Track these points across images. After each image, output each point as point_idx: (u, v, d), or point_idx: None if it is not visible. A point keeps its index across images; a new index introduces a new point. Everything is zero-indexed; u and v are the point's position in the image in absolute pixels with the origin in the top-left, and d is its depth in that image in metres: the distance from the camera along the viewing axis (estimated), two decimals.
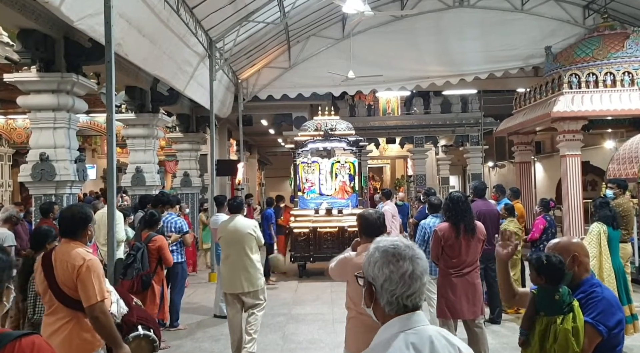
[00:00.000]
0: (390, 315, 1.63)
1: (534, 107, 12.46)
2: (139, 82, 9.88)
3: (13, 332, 1.81)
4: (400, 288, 1.61)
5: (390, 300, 1.62)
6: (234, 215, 5.92)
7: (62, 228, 3.38)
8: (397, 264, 1.63)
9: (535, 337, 2.77)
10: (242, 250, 5.70)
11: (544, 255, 2.82)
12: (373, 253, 1.69)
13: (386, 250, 1.66)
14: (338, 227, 10.43)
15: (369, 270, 1.67)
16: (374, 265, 1.66)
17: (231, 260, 5.73)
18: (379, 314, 1.67)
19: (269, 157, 28.85)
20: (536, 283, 2.86)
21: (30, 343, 1.76)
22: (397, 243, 1.69)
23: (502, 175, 23.46)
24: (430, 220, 6.21)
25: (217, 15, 9.81)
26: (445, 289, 5.04)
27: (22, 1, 5.86)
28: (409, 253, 1.65)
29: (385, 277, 1.63)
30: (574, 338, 2.62)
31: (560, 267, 2.78)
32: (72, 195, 7.24)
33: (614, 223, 5.96)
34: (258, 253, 5.88)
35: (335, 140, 11.53)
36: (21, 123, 14.89)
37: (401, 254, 1.65)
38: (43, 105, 6.97)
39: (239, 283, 5.64)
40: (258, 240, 5.84)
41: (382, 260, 1.65)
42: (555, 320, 2.69)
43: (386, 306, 1.63)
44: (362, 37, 14.45)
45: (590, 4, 14.32)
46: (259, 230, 5.94)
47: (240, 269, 5.66)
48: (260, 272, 5.82)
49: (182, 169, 14.35)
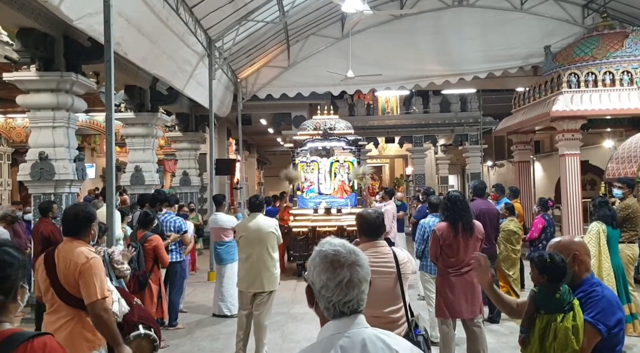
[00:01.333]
0: (328, 318, 1.61)
1: (533, 106, 12.48)
2: (138, 81, 9.87)
3: (27, 332, 1.83)
4: (336, 295, 1.57)
5: (327, 305, 1.59)
6: (254, 214, 5.88)
7: (66, 227, 3.39)
8: (334, 272, 1.58)
9: (535, 335, 2.78)
10: (265, 250, 5.69)
11: (547, 254, 2.83)
12: (314, 257, 1.65)
13: (326, 255, 1.62)
14: (337, 226, 10.43)
15: (309, 273, 1.65)
16: (313, 269, 1.63)
17: (253, 260, 5.70)
18: (319, 315, 1.65)
19: (268, 156, 28.84)
20: (538, 282, 2.86)
21: (42, 343, 1.77)
22: (338, 249, 1.63)
23: (501, 175, 23.46)
24: (430, 220, 6.22)
25: (216, 15, 9.81)
26: (444, 288, 5.04)
27: (22, 0, 5.86)
28: (349, 259, 1.60)
29: (322, 283, 1.59)
30: (574, 336, 2.63)
31: (562, 266, 2.78)
32: (71, 194, 7.24)
33: (613, 222, 5.97)
34: (277, 252, 5.90)
35: (334, 139, 11.52)
36: (20, 122, 14.86)
37: (340, 261, 1.60)
38: (42, 104, 6.97)
39: (260, 283, 5.63)
40: (279, 239, 5.86)
41: (320, 266, 1.61)
42: (555, 318, 2.70)
43: (324, 310, 1.61)
44: (361, 37, 14.45)
45: (590, 4, 14.33)
46: (279, 230, 5.94)
47: (262, 268, 5.66)
48: (279, 272, 5.85)
49: (181, 168, 14.35)
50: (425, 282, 6.33)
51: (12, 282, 1.85)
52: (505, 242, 7.56)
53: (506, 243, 7.57)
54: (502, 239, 7.47)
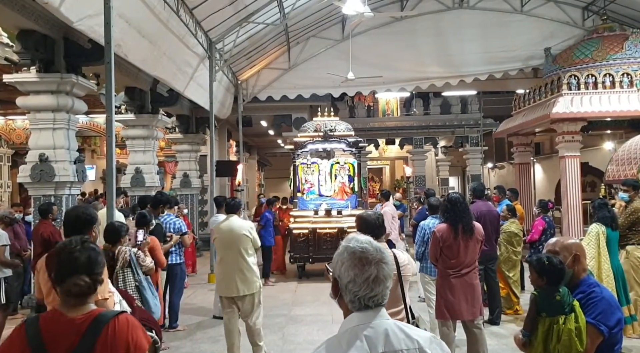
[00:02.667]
0: (352, 310, 1.69)
1: (534, 108, 12.48)
2: (138, 82, 9.88)
3: (111, 311, 2.22)
4: (363, 290, 1.66)
5: (352, 299, 1.68)
6: (229, 216, 5.78)
7: (67, 228, 3.39)
8: (362, 269, 1.67)
9: (539, 338, 2.77)
10: (238, 252, 5.55)
11: (545, 256, 2.83)
12: (342, 252, 1.73)
13: (354, 252, 1.70)
14: (337, 228, 10.43)
15: (336, 267, 1.73)
16: (341, 264, 1.71)
17: (226, 263, 5.59)
18: (343, 307, 1.74)
19: (269, 158, 28.84)
20: (537, 285, 2.86)
21: (125, 319, 2.13)
22: (366, 246, 1.72)
23: (501, 176, 23.47)
24: (430, 221, 6.21)
25: (217, 16, 9.82)
26: (444, 290, 5.04)
27: (22, 2, 5.86)
28: (376, 257, 1.69)
29: (349, 278, 1.68)
30: (577, 338, 2.63)
31: (561, 268, 2.78)
32: (71, 196, 7.25)
33: (612, 224, 5.96)
34: (254, 256, 5.73)
35: (334, 141, 11.53)
36: (20, 124, 14.88)
37: (367, 258, 1.68)
38: (42, 106, 6.97)
39: (234, 287, 5.50)
40: (254, 242, 5.68)
41: (348, 262, 1.69)
42: (557, 320, 2.70)
43: (349, 303, 1.69)
44: (361, 38, 14.46)
45: (590, 6, 14.34)
46: (255, 232, 5.79)
47: (236, 272, 5.52)
48: (257, 275, 5.66)
49: (181, 170, 14.35)
50: (426, 283, 6.33)
51: (99, 271, 2.17)
52: (506, 244, 7.55)
53: (507, 245, 7.56)
54: (503, 241, 7.46)
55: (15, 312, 7.61)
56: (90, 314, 2.09)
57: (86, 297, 2.12)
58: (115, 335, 2.06)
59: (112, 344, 2.04)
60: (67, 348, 2.01)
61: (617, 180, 9.08)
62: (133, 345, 2.08)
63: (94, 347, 2.02)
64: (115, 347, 2.04)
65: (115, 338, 2.05)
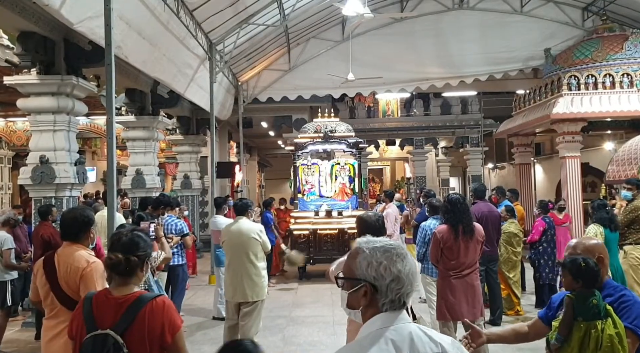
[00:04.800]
0: (386, 312, 1.65)
1: (534, 108, 12.48)
2: (139, 84, 9.89)
3: (150, 294, 2.53)
4: (406, 286, 1.64)
5: (394, 298, 1.63)
6: (238, 218, 5.61)
7: (64, 231, 3.38)
8: (402, 263, 1.64)
9: (573, 344, 2.65)
10: (246, 256, 5.39)
11: (580, 258, 2.72)
12: (371, 254, 1.66)
13: (387, 249, 1.66)
14: (338, 229, 10.44)
15: (370, 271, 1.64)
16: (377, 265, 1.64)
17: (234, 267, 5.43)
18: (369, 313, 1.67)
19: (269, 159, 28.85)
20: (571, 289, 2.74)
21: (162, 302, 2.41)
22: (391, 243, 1.71)
23: (502, 177, 23.46)
24: (431, 222, 6.20)
25: (217, 18, 9.83)
26: (445, 291, 5.04)
27: (23, 4, 5.87)
28: (405, 251, 1.68)
29: (393, 276, 1.62)
30: (619, 345, 2.54)
31: (597, 270, 2.69)
32: (72, 198, 7.25)
33: (611, 225, 5.93)
34: (264, 261, 5.56)
35: (335, 142, 11.53)
36: (21, 125, 14.88)
37: (403, 253, 1.66)
38: (43, 108, 6.97)
39: (242, 292, 5.34)
40: (264, 246, 5.51)
41: (387, 260, 1.64)
42: (595, 325, 2.60)
43: (387, 304, 1.63)
44: (361, 39, 14.47)
45: (589, 6, 14.36)
46: (265, 235, 5.61)
47: (244, 277, 5.35)
48: (266, 282, 5.50)
49: (182, 171, 14.35)
50: (427, 284, 6.32)
51: (138, 253, 2.47)
52: (506, 245, 7.55)
53: (507, 246, 7.56)
54: (502, 241, 7.45)
55: (15, 314, 7.62)
56: (132, 295, 2.40)
57: (127, 278, 2.44)
58: (152, 315, 2.35)
59: (149, 322, 2.34)
60: (110, 323, 2.32)
61: (617, 181, 9.09)
62: (168, 324, 2.37)
63: (132, 324, 2.32)
64: (152, 324, 2.34)
65: (153, 317, 2.34)
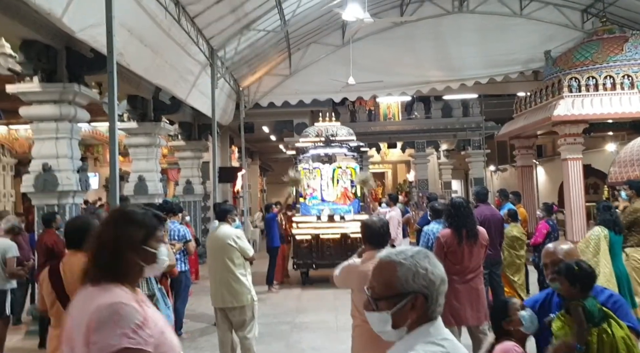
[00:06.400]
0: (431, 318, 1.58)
1: (535, 111, 12.48)
2: (140, 91, 9.91)
3: None
4: (446, 284, 1.61)
5: (441, 302, 1.59)
6: (220, 224, 5.59)
7: (69, 239, 3.40)
8: (436, 262, 1.61)
9: (592, 351, 2.59)
10: (223, 263, 5.35)
11: (572, 262, 2.70)
12: (413, 263, 1.58)
13: (420, 253, 1.61)
14: (340, 234, 10.41)
15: (418, 280, 1.56)
16: (425, 272, 1.56)
17: (213, 273, 5.47)
18: (415, 323, 1.58)
19: (271, 163, 28.87)
20: (570, 295, 2.70)
21: None
22: (415, 248, 1.67)
23: (504, 179, 23.46)
24: (434, 226, 6.20)
25: (218, 24, 9.85)
26: (448, 296, 4.94)
27: (25, 13, 5.89)
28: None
29: (440, 278, 1.58)
30: (633, 344, 2.55)
31: (591, 271, 2.68)
32: (74, 205, 7.25)
33: (615, 227, 5.91)
34: (243, 267, 5.47)
35: (336, 146, 11.53)
36: (23, 133, 14.89)
37: (429, 253, 1.63)
38: (45, 116, 6.99)
39: (222, 298, 5.35)
40: (242, 252, 5.43)
41: (430, 264, 1.58)
42: (604, 330, 2.58)
43: (437, 308, 1.58)
44: (362, 44, 14.49)
45: (589, 8, 14.36)
46: (244, 241, 5.52)
47: (222, 283, 5.35)
48: (247, 287, 5.41)
49: (184, 177, 14.36)
50: None
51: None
52: (509, 248, 7.54)
53: (510, 249, 7.55)
54: (505, 245, 7.44)
55: (19, 323, 7.62)
56: None
57: None
58: None
59: None
60: None
61: (620, 182, 9.07)
62: None
63: None
64: None
65: None
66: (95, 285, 1.88)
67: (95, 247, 1.96)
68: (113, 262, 1.90)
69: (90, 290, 1.88)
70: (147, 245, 1.96)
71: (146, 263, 1.96)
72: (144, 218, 2.00)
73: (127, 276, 1.92)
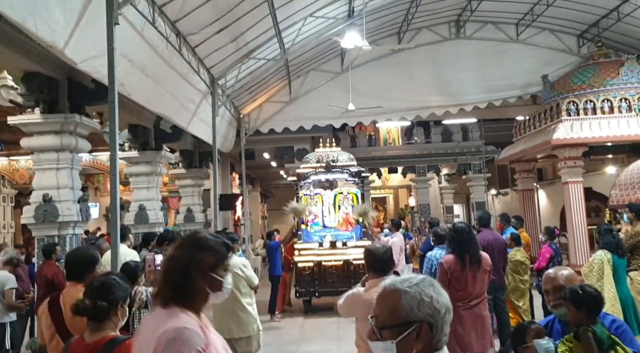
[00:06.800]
0: (439, 348, 1.56)
1: (534, 134, 12.53)
2: (142, 120, 9.95)
3: (121, 337, 2.56)
4: (451, 313, 1.58)
5: (446, 330, 1.56)
6: None
7: (69, 271, 3.37)
8: (443, 292, 1.58)
9: None
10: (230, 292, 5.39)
11: (577, 286, 2.68)
12: (418, 291, 1.55)
13: (425, 281, 1.58)
14: (343, 260, 10.32)
15: (423, 308, 1.53)
16: (429, 300, 1.54)
17: (218, 303, 5.47)
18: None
19: (272, 189, 28.88)
20: (577, 320, 2.65)
21: (130, 343, 2.38)
22: (419, 276, 1.64)
23: (505, 203, 23.40)
24: (437, 252, 6.17)
25: (218, 54, 9.96)
26: (453, 322, 4.90)
27: (27, 45, 5.95)
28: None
29: (445, 306, 1.56)
30: None
31: (596, 295, 2.64)
32: (75, 236, 7.20)
33: (618, 250, 5.87)
34: (249, 296, 5.47)
35: (337, 171, 11.55)
36: (24, 164, 14.93)
37: (433, 281, 1.61)
38: (46, 147, 6.98)
39: (228, 328, 5.28)
40: (249, 281, 5.42)
41: (434, 292, 1.56)
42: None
43: (442, 337, 1.55)
44: (361, 70, 14.65)
45: (584, 33, 14.56)
46: (250, 270, 5.51)
47: (228, 313, 5.30)
48: (253, 316, 5.41)
49: (185, 205, 14.31)
50: None
51: (115, 301, 2.52)
52: (513, 273, 7.48)
53: (514, 274, 7.49)
54: (509, 270, 7.39)
55: None
56: (103, 339, 2.44)
57: (100, 323, 2.48)
58: None
59: None
60: None
61: (621, 205, 9.04)
62: None
63: None
64: None
65: None
66: (165, 308, 1.94)
67: (167, 270, 2.01)
68: (183, 287, 1.96)
69: (159, 312, 1.95)
70: (215, 273, 2.01)
71: (212, 290, 2.02)
72: (216, 245, 2.05)
73: (194, 301, 1.97)
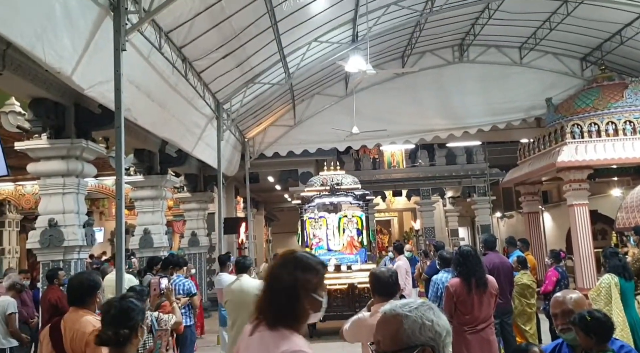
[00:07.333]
0: None
1: (539, 157, 12.52)
2: (147, 144, 10.03)
3: None
4: (451, 335, 1.58)
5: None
6: (240, 275, 5.54)
7: (71, 296, 3.36)
8: (442, 316, 1.58)
9: None
10: (249, 315, 5.26)
11: (585, 311, 2.65)
12: (419, 315, 1.55)
13: (425, 305, 1.59)
14: (348, 284, 10.24)
15: (424, 332, 1.52)
16: (430, 324, 1.53)
17: (238, 327, 5.25)
18: None
19: (276, 213, 28.83)
20: (587, 346, 2.61)
21: None
22: (418, 300, 1.64)
23: (511, 226, 23.26)
24: (442, 275, 6.12)
25: (224, 79, 10.08)
26: (460, 347, 4.90)
27: (35, 72, 6.05)
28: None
29: (446, 330, 1.55)
30: None
31: (606, 320, 2.61)
32: (80, 260, 7.20)
33: (625, 273, 5.82)
34: None
35: (341, 194, 11.53)
36: (30, 189, 15.01)
37: (432, 305, 1.61)
38: (53, 172, 7.02)
39: None
40: None
41: (435, 316, 1.56)
42: None
43: None
44: (365, 94, 14.75)
45: (587, 56, 14.65)
46: None
47: None
48: None
49: (189, 229, 14.31)
50: None
51: (134, 322, 2.53)
52: (520, 297, 7.40)
53: (520, 298, 7.40)
54: (516, 294, 7.31)
55: None
56: None
57: (122, 348, 2.51)
58: None
59: None
60: None
61: (627, 228, 8.98)
62: None
63: None
64: None
65: None
66: (273, 330, 1.87)
67: (272, 291, 1.93)
68: (290, 307, 1.89)
69: (268, 334, 1.88)
70: (316, 293, 1.95)
71: (314, 311, 1.95)
72: (316, 265, 1.98)
73: (300, 322, 1.91)
